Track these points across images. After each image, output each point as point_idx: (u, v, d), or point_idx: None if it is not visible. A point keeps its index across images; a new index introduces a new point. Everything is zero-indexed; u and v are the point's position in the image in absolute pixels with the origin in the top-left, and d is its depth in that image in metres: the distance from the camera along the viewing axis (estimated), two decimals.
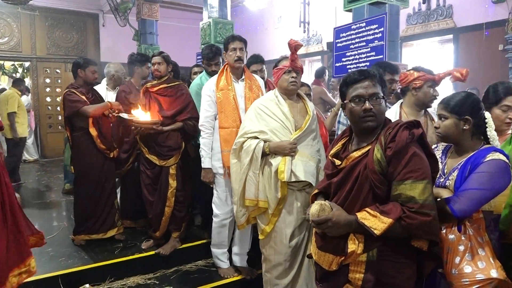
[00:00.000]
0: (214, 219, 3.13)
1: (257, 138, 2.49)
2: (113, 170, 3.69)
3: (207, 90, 3.06)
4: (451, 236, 1.65)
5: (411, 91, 2.42)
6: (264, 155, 2.47)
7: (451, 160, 1.78)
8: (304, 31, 8.89)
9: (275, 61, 2.80)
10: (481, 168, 1.61)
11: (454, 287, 1.62)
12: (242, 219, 2.68)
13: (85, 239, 3.57)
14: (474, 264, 1.59)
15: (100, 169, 3.56)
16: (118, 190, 4.02)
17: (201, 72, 3.95)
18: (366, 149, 1.57)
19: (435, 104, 2.22)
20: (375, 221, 1.44)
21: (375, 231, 1.43)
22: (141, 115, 3.34)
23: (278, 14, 9.78)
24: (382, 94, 1.60)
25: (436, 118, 2.07)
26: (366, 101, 1.56)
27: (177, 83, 3.52)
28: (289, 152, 2.39)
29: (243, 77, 3.10)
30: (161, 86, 3.43)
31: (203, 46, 5.54)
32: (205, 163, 3.06)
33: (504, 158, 1.62)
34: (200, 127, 3.08)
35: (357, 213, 1.50)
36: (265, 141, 2.47)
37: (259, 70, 3.49)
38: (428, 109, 2.51)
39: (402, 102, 2.52)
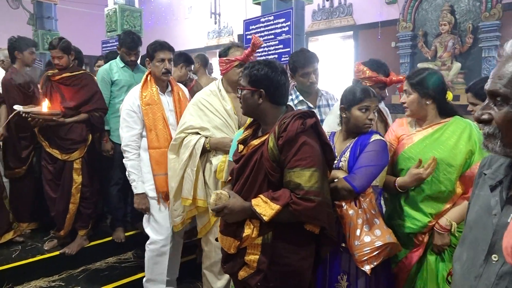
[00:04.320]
0: (150, 247, 2.68)
1: (198, 134, 2.38)
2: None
3: (130, 105, 2.62)
4: (351, 212, 1.83)
5: None
6: (205, 151, 2.38)
7: (339, 144, 1.98)
8: (215, 23, 8.88)
9: (189, 52, 2.71)
10: (369, 148, 1.83)
11: (356, 258, 1.78)
12: (177, 220, 2.54)
13: None
14: (372, 233, 1.79)
15: None
16: None
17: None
18: (264, 137, 1.64)
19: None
20: (265, 207, 1.53)
21: (264, 217, 1.52)
22: (43, 105, 3.05)
23: (189, 4, 9.62)
24: (244, 85, 1.68)
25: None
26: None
27: (82, 71, 3.31)
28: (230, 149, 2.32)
29: (169, 88, 2.78)
30: (64, 75, 3.19)
31: (109, 33, 5.27)
32: (138, 188, 2.65)
33: (383, 138, 1.89)
34: (124, 148, 2.64)
35: (252, 200, 1.58)
36: (206, 137, 2.37)
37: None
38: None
39: None
